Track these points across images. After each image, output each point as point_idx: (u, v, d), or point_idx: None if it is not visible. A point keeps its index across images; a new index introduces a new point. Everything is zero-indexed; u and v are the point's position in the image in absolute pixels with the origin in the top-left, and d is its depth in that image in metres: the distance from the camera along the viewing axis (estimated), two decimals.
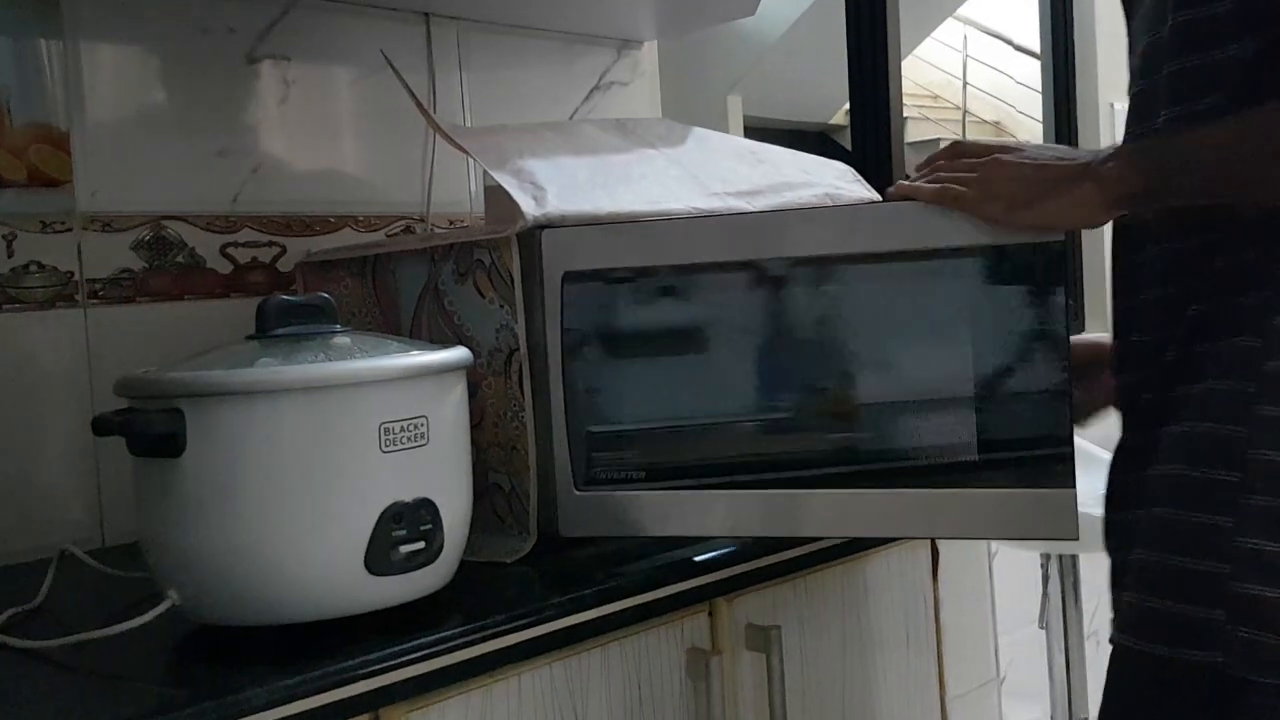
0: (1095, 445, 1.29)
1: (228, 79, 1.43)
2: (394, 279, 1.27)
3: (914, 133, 7.45)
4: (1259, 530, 0.88)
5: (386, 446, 0.90)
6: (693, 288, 1.20)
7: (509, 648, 0.93)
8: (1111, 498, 1.02)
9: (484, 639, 0.91)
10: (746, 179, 1.28)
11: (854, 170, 1.41)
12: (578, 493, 1.10)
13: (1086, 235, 2.99)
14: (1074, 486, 0.97)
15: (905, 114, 2.81)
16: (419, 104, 1.25)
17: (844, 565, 1.24)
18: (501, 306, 1.12)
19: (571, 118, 1.75)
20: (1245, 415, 0.90)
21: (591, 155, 1.25)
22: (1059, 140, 3.31)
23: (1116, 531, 1.01)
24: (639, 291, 1.17)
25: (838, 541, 1.20)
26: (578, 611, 0.98)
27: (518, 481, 1.13)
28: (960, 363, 1.03)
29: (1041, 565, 2.26)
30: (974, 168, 1.00)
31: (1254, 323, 0.91)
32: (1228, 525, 0.89)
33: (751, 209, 1.21)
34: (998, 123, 8.82)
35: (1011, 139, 8.43)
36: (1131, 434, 1.01)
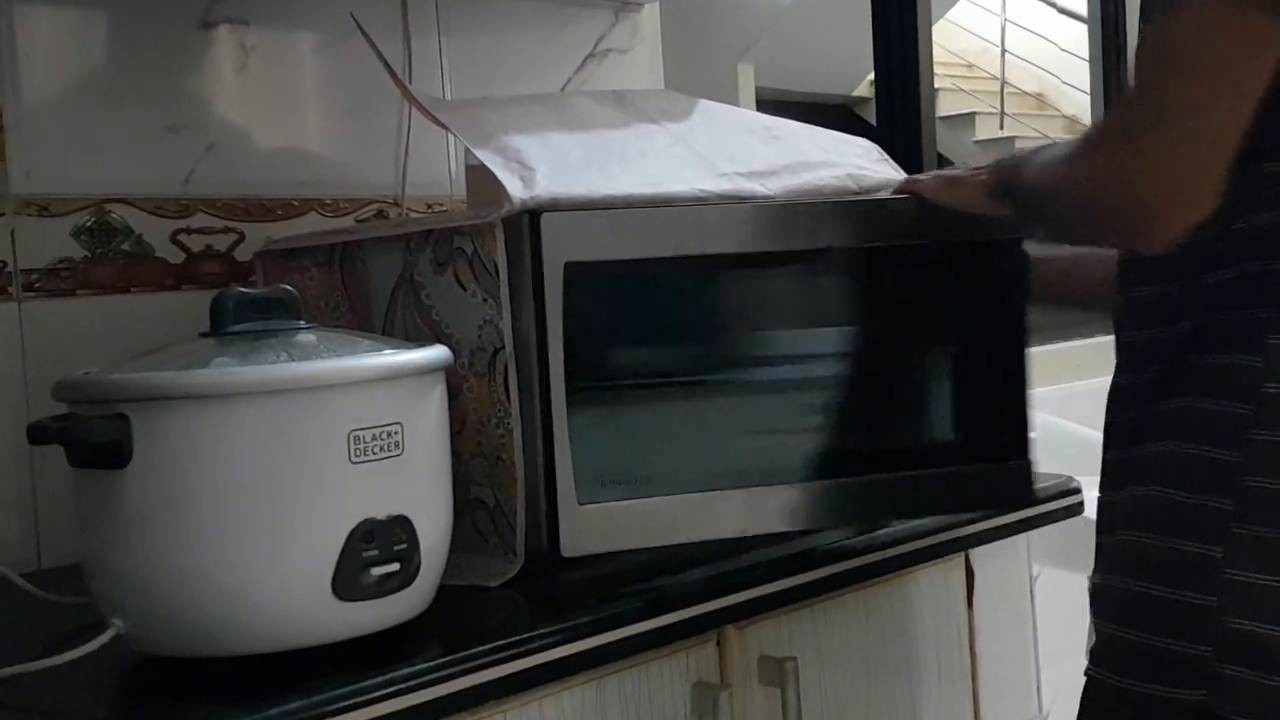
0: None
1: (179, 45, 1.43)
2: (365, 269, 1.27)
3: (946, 106, 7.46)
4: (1253, 562, 0.90)
5: (356, 457, 0.90)
6: (705, 279, 1.22)
7: (493, 682, 0.93)
8: (1097, 518, 1.05)
9: (465, 672, 0.91)
10: (760, 157, 1.28)
11: (879, 148, 1.41)
12: (581, 506, 1.10)
13: None
14: (1027, 457, 1.22)
15: (937, 85, 2.81)
16: (393, 74, 1.25)
17: (868, 589, 1.24)
18: (485, 300, 1.12)
19: (563, 89, 1.75)
20: (1239, 439, 0.92)
21: (585, 131, 1.25)
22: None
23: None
24: (647, 283, 1.18)
25: (859, 563, 1.20)
26: (570, 641, 0.98)
27: (503, 496, 1.13)
28: (937, 353, 1.25)
29: (1089, 590, 2.26)
30: None
31: (1251, 340, 0.93)
32: (1218, 555, 0.91)
33: (765, 191, 1.22)
34: (1040, 94, 8.82)
35: (1054, 112, 8.44)
36: (1109, 450, 1.03)
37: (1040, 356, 2.72)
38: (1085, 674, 1.01)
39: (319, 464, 0.89)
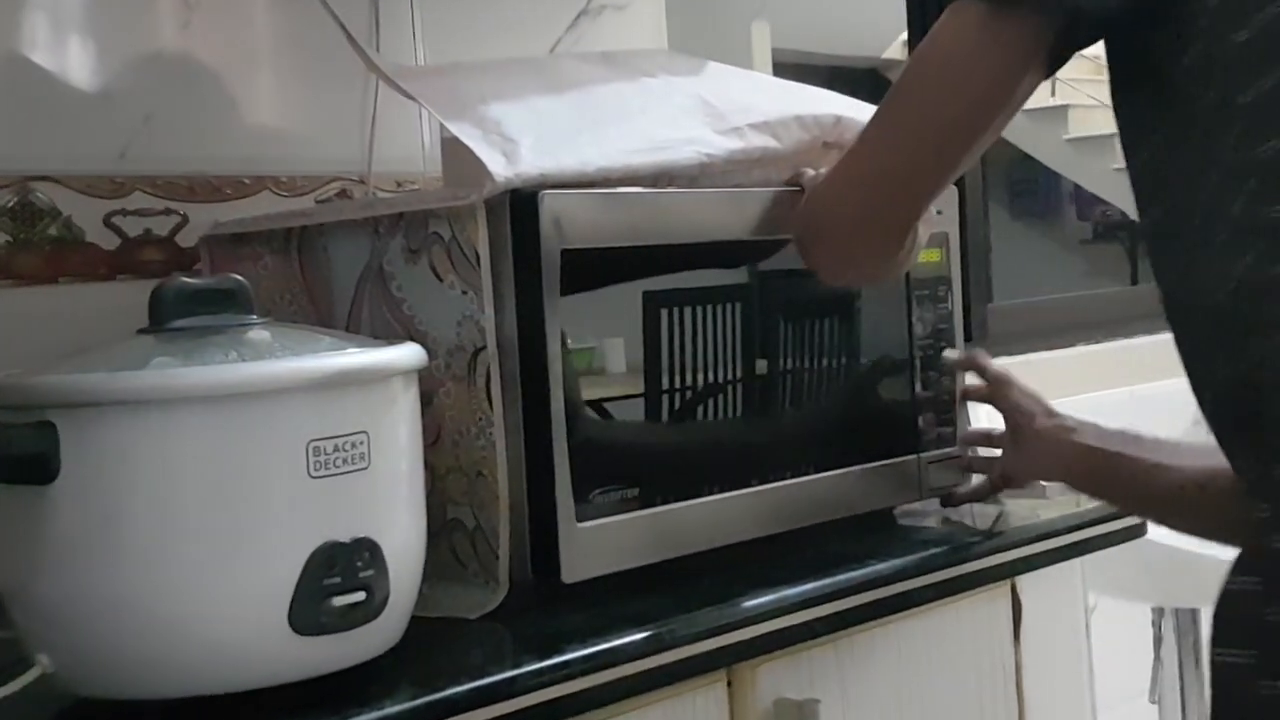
0: None
1: (113, 0, 1.43)
2: (326, 257, 1.27)
3: None
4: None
5: (316, 471, 0.90)
6: (717, 266, 1.23)
7: None
8: None
9: (439, 716, 0.91)
10: (777, 104, 1.30)
11: None
12: (581, 525, 1.10)
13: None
14: (916, 453, 1.38)
15: None
16: (351, 39, 1.25)
17: (900, 623, 1.24)
18: (464, 293, 1.13)
19: (552, 51, 1.75)
20: None
21: (575, 91, 1.26)
22: None
23: None
24: (652, 272, 1.19)
25: (890, 593, 1.20)
26: (559, 682, 0.98)
27: (484, 516, 1.13)
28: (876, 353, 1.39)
29: (1153, 623, 2.26)
30: None
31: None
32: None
33: (776, 146, 1.25)
34: (1097, 57, 8.82)
35: None
36: None
37: (1094, 356, 2.70)
38: None
39: (273, 479, 0.89)
